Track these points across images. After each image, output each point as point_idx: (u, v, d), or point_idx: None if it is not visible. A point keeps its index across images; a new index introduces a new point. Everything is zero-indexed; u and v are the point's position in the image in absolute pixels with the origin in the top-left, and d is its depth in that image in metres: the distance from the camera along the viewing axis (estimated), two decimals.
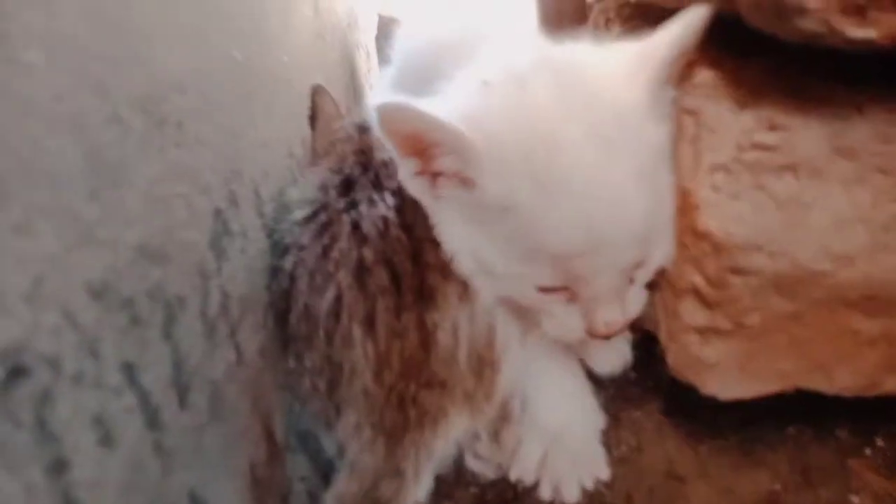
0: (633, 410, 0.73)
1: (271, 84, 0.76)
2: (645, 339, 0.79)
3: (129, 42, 0.43)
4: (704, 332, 0.58)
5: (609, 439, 0.69)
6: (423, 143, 0.56)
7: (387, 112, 0.55)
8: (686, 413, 0.71)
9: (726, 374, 0.59)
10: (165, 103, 0.47)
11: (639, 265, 0.58)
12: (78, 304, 0.35)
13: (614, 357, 0.74)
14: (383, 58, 1.20)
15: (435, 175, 0.58)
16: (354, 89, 1.26)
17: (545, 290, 0.58)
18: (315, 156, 0.82)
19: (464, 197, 0.57)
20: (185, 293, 0.47)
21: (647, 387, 0.75)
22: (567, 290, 0.58)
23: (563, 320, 0.59)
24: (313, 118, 0.89)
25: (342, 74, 1.21)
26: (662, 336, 0.64)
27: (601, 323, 0.58)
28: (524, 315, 0.61)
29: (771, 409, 0.68)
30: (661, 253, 0.60)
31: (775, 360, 0.59)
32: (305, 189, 0.68)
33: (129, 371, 0.39)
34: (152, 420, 0.41)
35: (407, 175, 0.60)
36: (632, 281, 0.60)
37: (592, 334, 0.59)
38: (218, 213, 0.54)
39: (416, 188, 0.60)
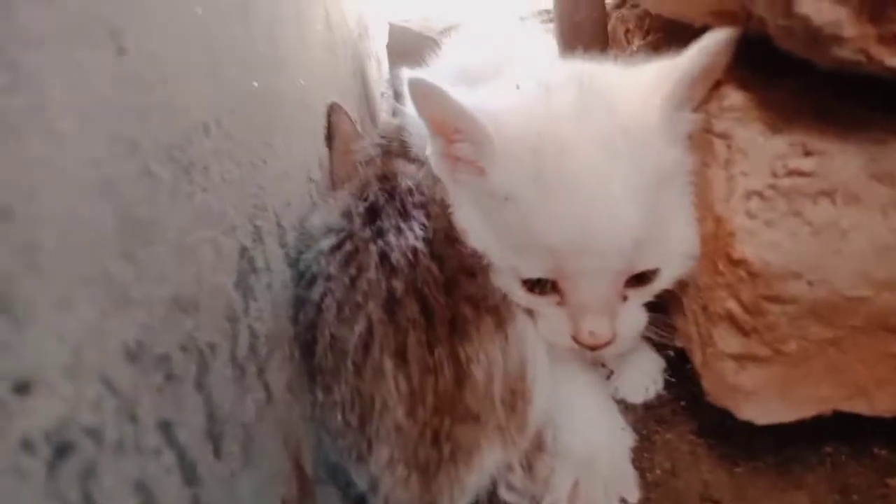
0: (666, 433, 0.72)
1: (289, 109, 0.75)
2: (675, 358, 0.79)
3: (154, 92, 0.42)
4: (740, 359, 0.57)
5: (642, 463, 0.68)
6: (447, 127, 0.61)
7: (417, 88, 0.59)
8: (720, 435, 0.70)
9: (763, 401, 0.58)
10: (191, 148, 0.46)
11: (631, 281, 0.60)
12: (116, 369, 0.34)
13: (644, 383, 0.73)
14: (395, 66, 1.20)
15: (455, 159, 0.63)
16: (367, 100, 1.25)
17: (535, 290, 0.60)
18: (335, 179, 0.81)
19: (475, 183, 0.61)
20: (215, 339, 0.46)
21: (680, 407, 0.74)
22: (556, 295, 0.60)
23: (553, 323, 0.62)
24: (330, 137, 0.88)
25: (355, 86, 1.20)
26: (696, 361, 0.63)
27: (585, 331, 0.59)
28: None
29: (806, 428, 0.66)
30: (666, 276, 0.61)
31: (814, 386, 0.57)
32: (328, 216, 0.67)
33: (167, 430, 0.38)
34: (189, 476, 0.40)
35: (434, 153, 0.65)
36: (625, 298, 0.61)
37: (578, 342, 0.60)
38: (243, 251, 0.54)
39: (439, 168, 0.65)
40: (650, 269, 0.60)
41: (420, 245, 0.59)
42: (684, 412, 0.74)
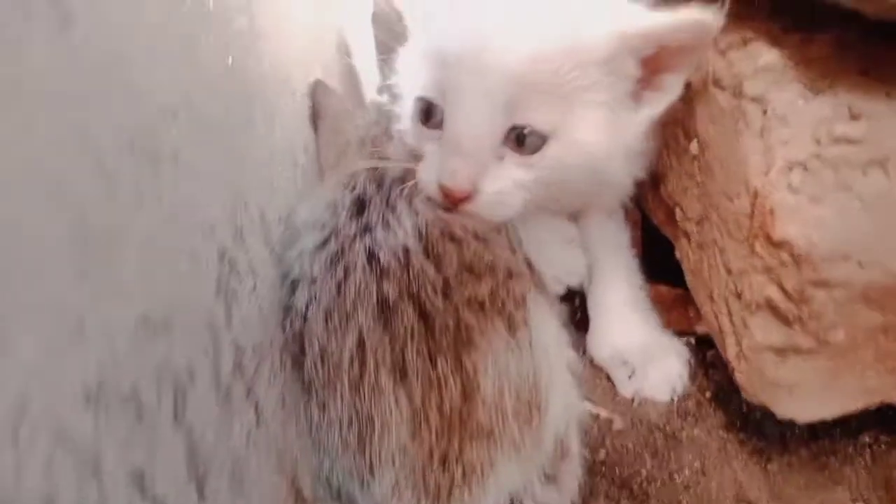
0: (693, 428, 0.66)
1: (270, 87, 0.68)
2: (696, 343, 0.73)
3: (109, 73, 0.35)
4: (782, 351, 0.52)
5: (670, 464, 0.63)
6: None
7: None
8: (750, 427, 0.64)
9: (806, 396, 0.53)
10: (157, 136, 0.39)
11: (512, 140, 0.57)
12: (72, 417, 0.28)
13: (670, 380, 0.68)
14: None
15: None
16: (352, 76, 1.17)
17: (425, 121, 0.61)
18: (324, 164, 0.74)
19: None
20: (194, 362, 0.40)
21: (705, 398, 0.69)
22: (441, 131, 0.59)
23: (429, 164, 0.60)
24: (315, 118, 0.81)
25: (339, 61, 1.12)
26: (730, 354, 0.57)
27: (447, 171, 0.57)
28: None
29: (842, 417, 0.61)
30: (552, 155, 0.58)
31: (861, 377, 0.52)
32: (314, 208, 0.61)
33: (139, 480, 0.32)
34: None
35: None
36: (501, 157, 0.58)
37: (440, 184, 0.57)
38: (223, 253, 0.47)
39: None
40: (535, 126, 0.57)
41: (412, 243, 0.53)
42: (710, 404, 0.68)
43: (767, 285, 0.51)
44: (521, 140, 0.57)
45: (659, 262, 0.76)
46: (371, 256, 0.53)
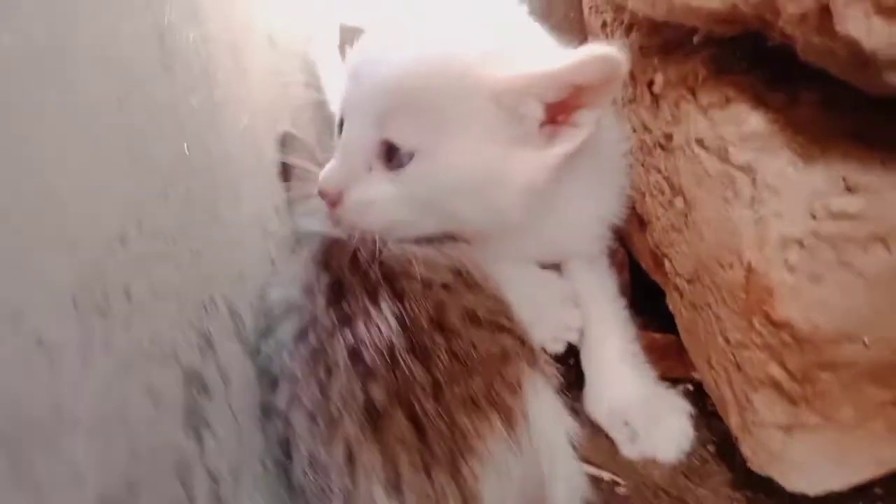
0: (698, 487, 0.63)
1: (233, 159, 0.64)
2: (693, 392, 0.71)
3: (42, 228, 0.32)
4: (788, 428, 0.49)
5: None
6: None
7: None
8: (757, 484, 0.62)
9: (815, 470, 0.51)
10: (102, 278, 0.36)
11: (384, 155, 0.59)
12: None
13: (675, 438, 0.65)
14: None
15: None
16: (323, 118, 1.14)
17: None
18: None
19: None
20: None
21: (708, 453, 0.66)
22: None
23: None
24: (286, 176, 0.78)
25: (308, 100, 1.08)
26: (732, 422, 0.55)
27: (324, 172, 0.61)
28: None
29: None
30: (420, 173, 0.58)
31: (871, 449, 0.50)
32: (289, 289, 0.58)
33: None
34: None
35: None
36: (370, 168, 0.60)
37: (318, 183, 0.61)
38: (190, 376, 0.44)
39: None
40: (399, 142, 0.58)
41: (397, 339, 0.49)
42: (714, 458, 0.66)
43: (769, 363, 0.48)
44: (390, 155, 0.59)
45: (648, 293, 0.74)
46: (353, 354, 0.50)
